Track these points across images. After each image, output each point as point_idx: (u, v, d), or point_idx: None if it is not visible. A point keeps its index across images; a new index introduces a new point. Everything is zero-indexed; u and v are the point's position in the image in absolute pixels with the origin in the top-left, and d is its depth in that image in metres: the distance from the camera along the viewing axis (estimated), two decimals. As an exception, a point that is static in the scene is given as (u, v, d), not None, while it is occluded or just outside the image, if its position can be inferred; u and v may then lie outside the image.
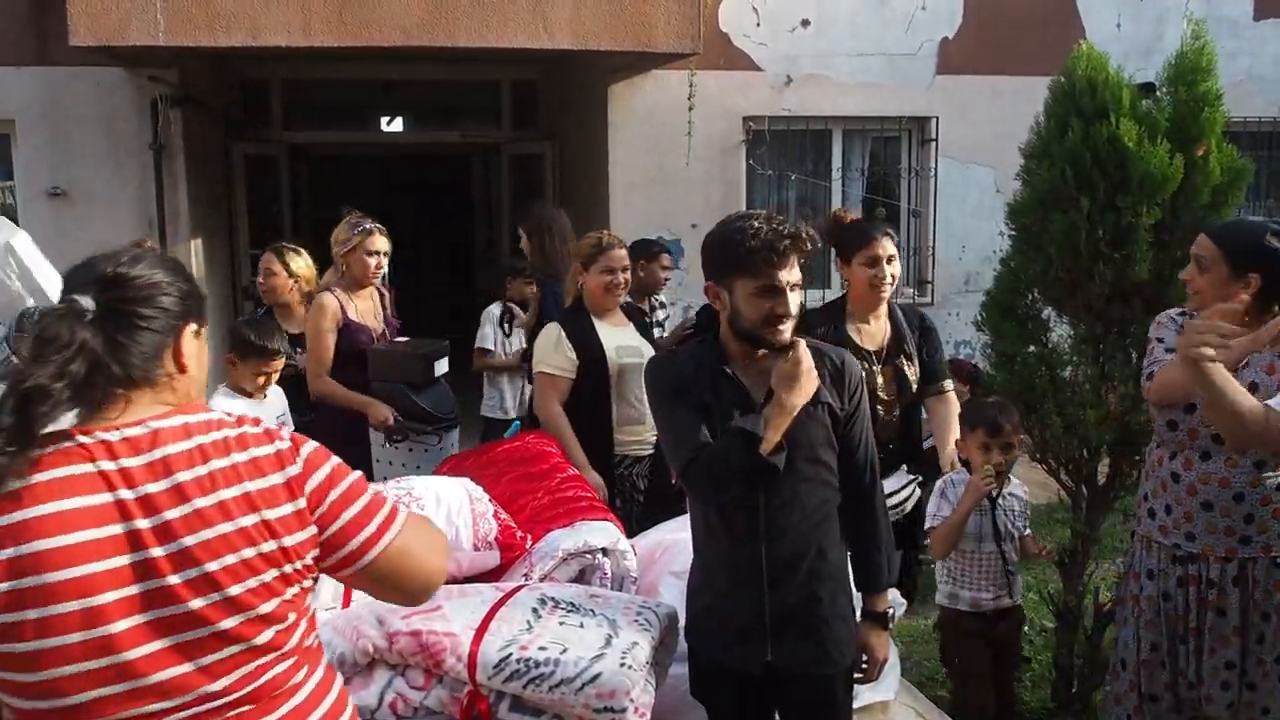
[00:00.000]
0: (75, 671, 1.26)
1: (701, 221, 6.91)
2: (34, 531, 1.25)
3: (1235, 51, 7.22)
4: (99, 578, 1.26)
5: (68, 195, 6.49)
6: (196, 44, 5.69)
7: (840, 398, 2.23)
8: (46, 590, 1.23)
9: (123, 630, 1.27)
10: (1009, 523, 3.34)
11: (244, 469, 1.37)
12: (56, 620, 1.24)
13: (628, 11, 6.01)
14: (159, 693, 1.30)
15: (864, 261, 3.48)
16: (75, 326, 1.32)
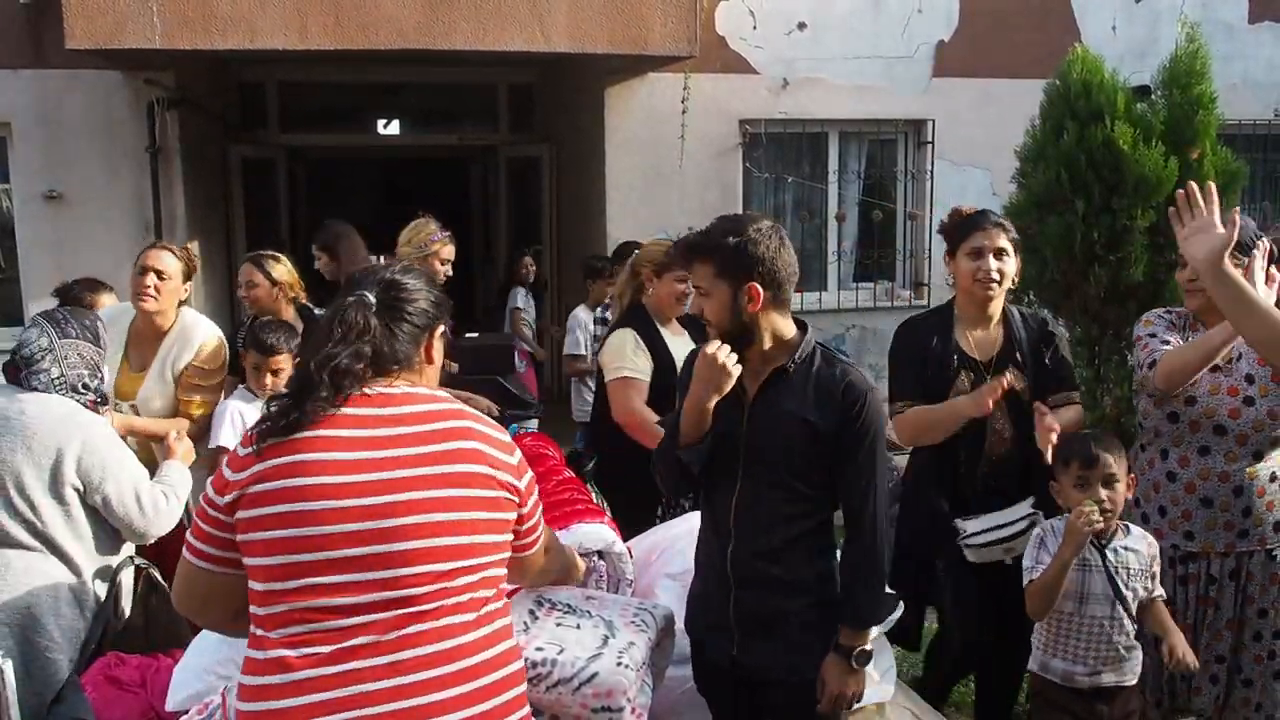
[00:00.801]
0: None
1: (698, 224, 6.84)
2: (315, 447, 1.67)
3: (1230, 55, 7.24)
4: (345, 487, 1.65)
5: (64, 198, 6.48)
6: (193, 47, 5.69)
7: (822, 415, 2.17)
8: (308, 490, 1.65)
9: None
10: (1124, 581, 2.66)
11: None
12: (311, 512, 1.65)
13: (624, 14, 6.02)
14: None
15: (967, 253, 2.96)
16: (367, 314, 1.72)
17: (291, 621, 1.61)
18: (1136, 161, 4.08)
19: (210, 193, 7.36)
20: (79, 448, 2.60)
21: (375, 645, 1.61)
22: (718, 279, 2.21)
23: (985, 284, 2.92)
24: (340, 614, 1.61)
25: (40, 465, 2.56)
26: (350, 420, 1.68)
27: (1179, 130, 4.21)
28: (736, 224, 2.24)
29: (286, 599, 1.61)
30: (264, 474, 1.64)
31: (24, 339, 2.72)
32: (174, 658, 2.59)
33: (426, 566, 1.64)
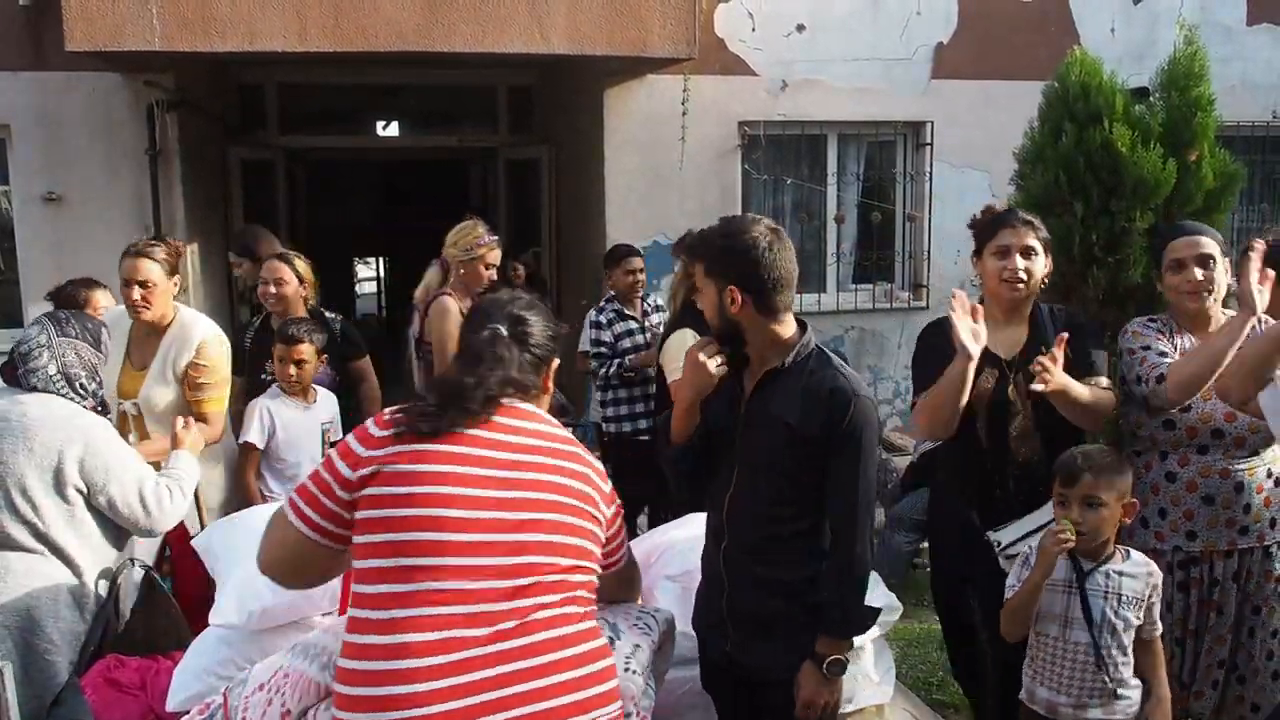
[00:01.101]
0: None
1: (697, 226, 6.89)
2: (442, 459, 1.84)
3: (1228, 57, 7.25)
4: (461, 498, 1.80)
5: (64, 200, 6.48)
6: (193, 49, 5.69)
7: (805, 419, 2.18)
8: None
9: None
10: (1110, 608, 2.51)
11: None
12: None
13: (624, 16, 6.02)
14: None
15: (994, 251, 2.87)
16: (506, 346, 1.94)
17: (413, 603, 1.71)
18: (1135, 164, 4.08)
19: (210, 194, 7.36)
20: (81, 449, 2.61)
21: (497, 633, 1.74)
22: (706, 278, 2.27)
23: (1011, 283, 2.83)
24: (466, 599, 1.73)
25: (43, 466, 2.57)
26: (484, 438, 1.86)
27: (1177, 132, 4.22)
28: (728, 226, 2.28)
29: (412, 578, 1.72)
30: (400, 456, 1.79)
31: (23, 336, 2.75)
32: (173, 660, 2.60)
33: (548, 558, 1.81)
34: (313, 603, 2.31)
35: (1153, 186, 4.08)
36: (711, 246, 2.27)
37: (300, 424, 3.75)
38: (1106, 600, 2.52)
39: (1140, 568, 2.58)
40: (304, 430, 3.75)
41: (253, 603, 2.25)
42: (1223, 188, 4.25)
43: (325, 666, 2.02)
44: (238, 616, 2.25)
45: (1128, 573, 2.55)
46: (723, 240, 2.25)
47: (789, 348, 2.25)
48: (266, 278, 4.19)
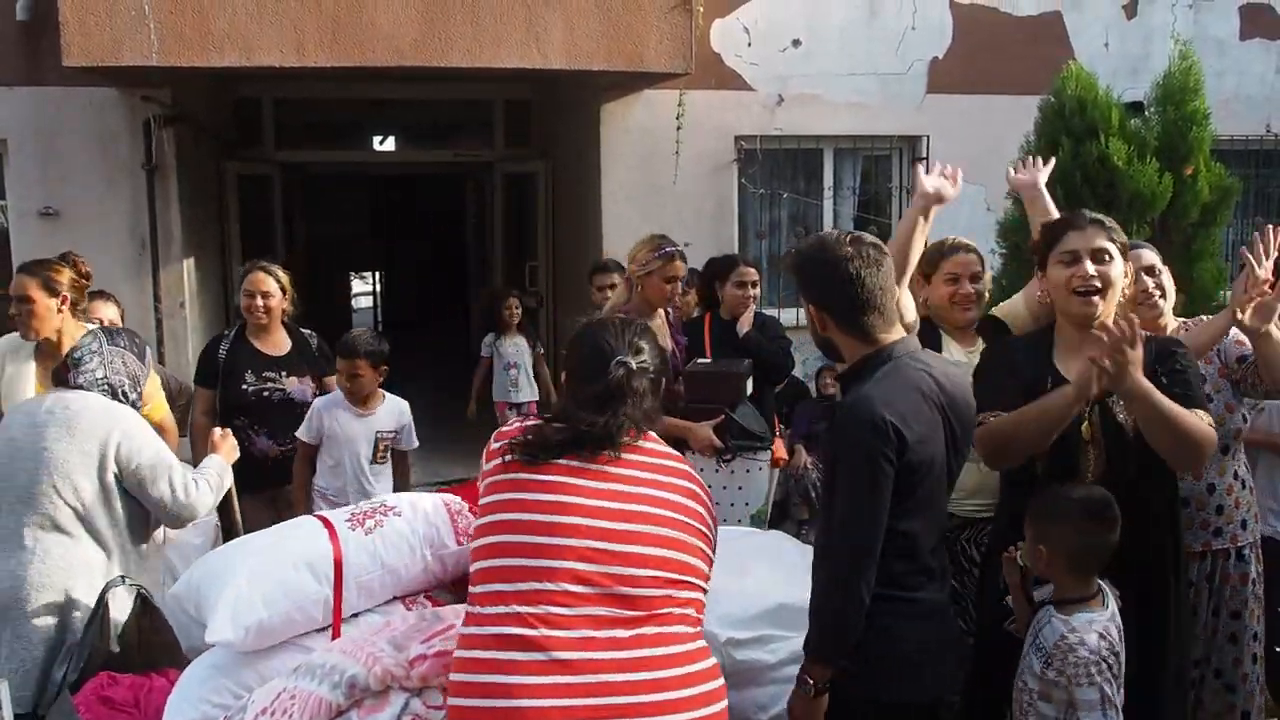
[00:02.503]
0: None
1: (694, 240, 6.92)
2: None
3: (1222, 71, 7.28)
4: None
5: (60, 215, 6.47)
6: (190, 64, 5.70)
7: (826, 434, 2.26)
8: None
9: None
10: (1040, 660, 2.28)
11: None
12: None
13: (620, 32, 6.04)
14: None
15: (1059, 259, 2.48)
16: (637, 379, 2.02)
17: (532, 601, 1.80)
18: (1131, 177, 4.10)
19: (206, 209, 7.36)
20: (119, 435, 2.78)
21: (612, 640, 1.80)
22: (803, 297, 2.32)
23: (1084, 294, 2.40)
24: (580, 601, 1.81)
25: (84, 452, 2.75)
26: (601, 471, 1.95)
27: (1173, 146, 4.24)
28: (812, 245, 2.32)
29: (533, 578, 1.82)
30: (519, 465, 1.91)
31: (78, 343, 2.98)
32: (167, 677, 2.58)
33: (657, 572, 1.87)
34: (307, 615, 2.29)
35: (1149, 200, 4.10)
36: (797, 265, 2.30)
37: (351, 427, 3.92)
38: (1031, 649, 2.32)
39: (1060, 629, 2.26)
40: (354, 433, 3.92)
41: (248, 617, 2.23)
42: (1218, 201, 4.28)
43: (337, 685, 2.00)
44: (233, 632, 2.23)
45: (1054, 623, 2.28)
46: (804, 260, 2.26)
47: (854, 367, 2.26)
48: (252, 290, 4.15)
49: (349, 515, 2.44)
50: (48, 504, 2.71)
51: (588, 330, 2.15)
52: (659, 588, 1.86)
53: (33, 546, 2.70)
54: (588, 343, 2.10)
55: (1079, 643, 2.23)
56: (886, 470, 2.06)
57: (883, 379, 2.13)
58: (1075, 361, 2.40)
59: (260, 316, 4.15)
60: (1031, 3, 7.33)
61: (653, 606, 1.85)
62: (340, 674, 2.01)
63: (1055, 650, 2.25)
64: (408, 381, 4.44)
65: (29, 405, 2.89)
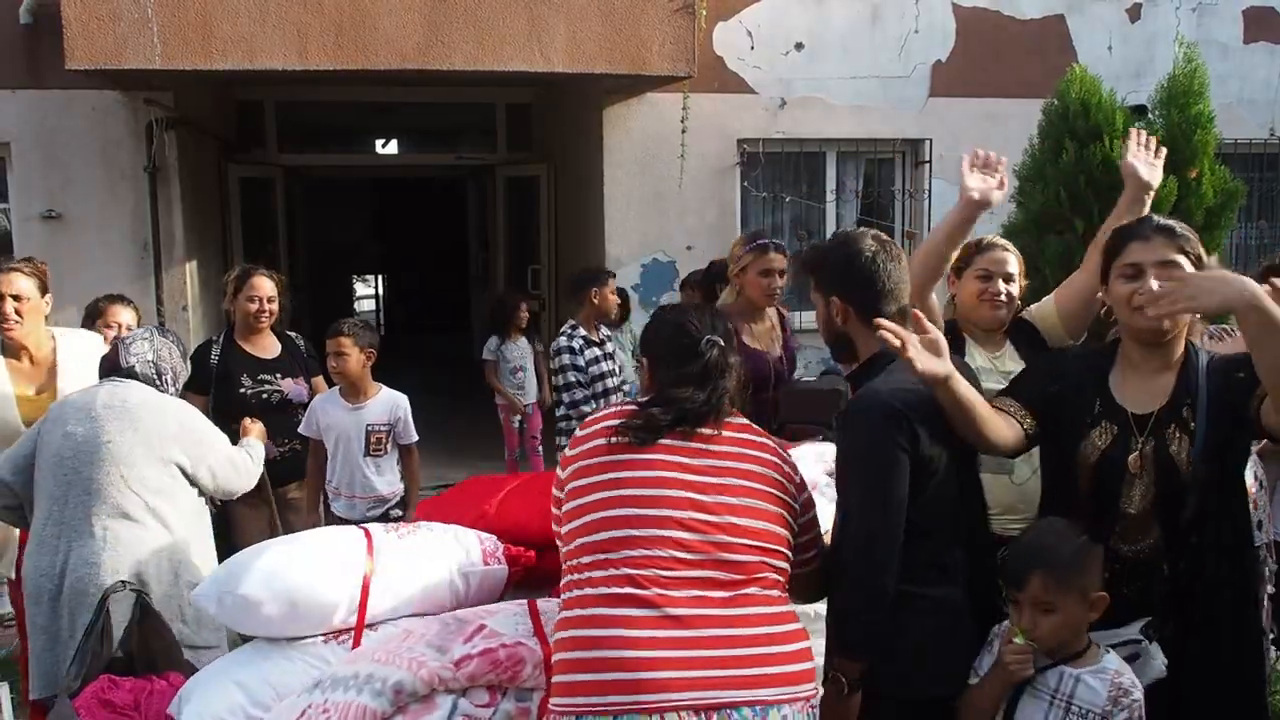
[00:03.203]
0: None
1: (696, 243, 6.93)
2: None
3: (1226, 74, 7.27)
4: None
5: (63, 218, 6.48)
6: (193, 67, 5.70)
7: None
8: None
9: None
10: (1054, 717, 2.07)
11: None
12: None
13: (623, 35, 6.04)
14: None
15: (1121, 273, 2.22)
16: (727, 358, 2.11)
17: (641, 565, 1.89)
18: (1135, 181, 4.08)
19: (208, 212, 7.36)
20: (177, 425, 2.99)
21: (719, 599, 1.90)
22: (815, 292, 2.34)
23: (1155, 315, 2.07)
24: (686, 566, 1.91)
25: (148, 443, 2.93)
26: (698, 449, 2.04)
27: (1177, 149, 4.23)
28: (834, 239, 2.44)
29: (641, 545, 1.92)
30: (624, 447, 2.01)
31: (132, 331, 3.38)
32: (168, 680, 2.57)
33: (753, 541, 1.97)
34: (333, 605, 2.25)
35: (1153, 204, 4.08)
36: (818, 259, 2.38)
37: (343, 420, 3.99)
38: (1052, 706, 2.07)
39: (1106, 676, 2.06)
40: (345, 426, 3.99)
41: (278, 582, 2.21)
42: (1222, 205, 4.27)
43: (380, 693, 1.98)
44: (264, 591, 2.20)
45: (1087, 680, 2.06)
46: (827, 253, 2.35)
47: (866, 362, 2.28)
48: (256, 294, 4.18)
49: (385, 527, 2.48)
50: (115, 494, 2.86)
51: (667, 315, 2.25)
52: (756, 555, 1.97)
53: (102, 535, 2.84)
54: (672, 326, 2.19)
55: (1131, 684, 2.06)
56: (901, 458, 2.05)
57: (893, 373, 2.14)
58: (1136, 383, 2.22)
59: (264, 320, 4.20)
60: (1035, 6, 7.32)
61: (750, 571, 1.95)
62: (382, 681, 1.99)
63: (1113, 701, 2.04)
64: (410, 384, 4.43)
65: (82, 399, 2.98)
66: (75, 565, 2.82)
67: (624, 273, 6.87)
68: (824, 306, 2.30)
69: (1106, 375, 2.28)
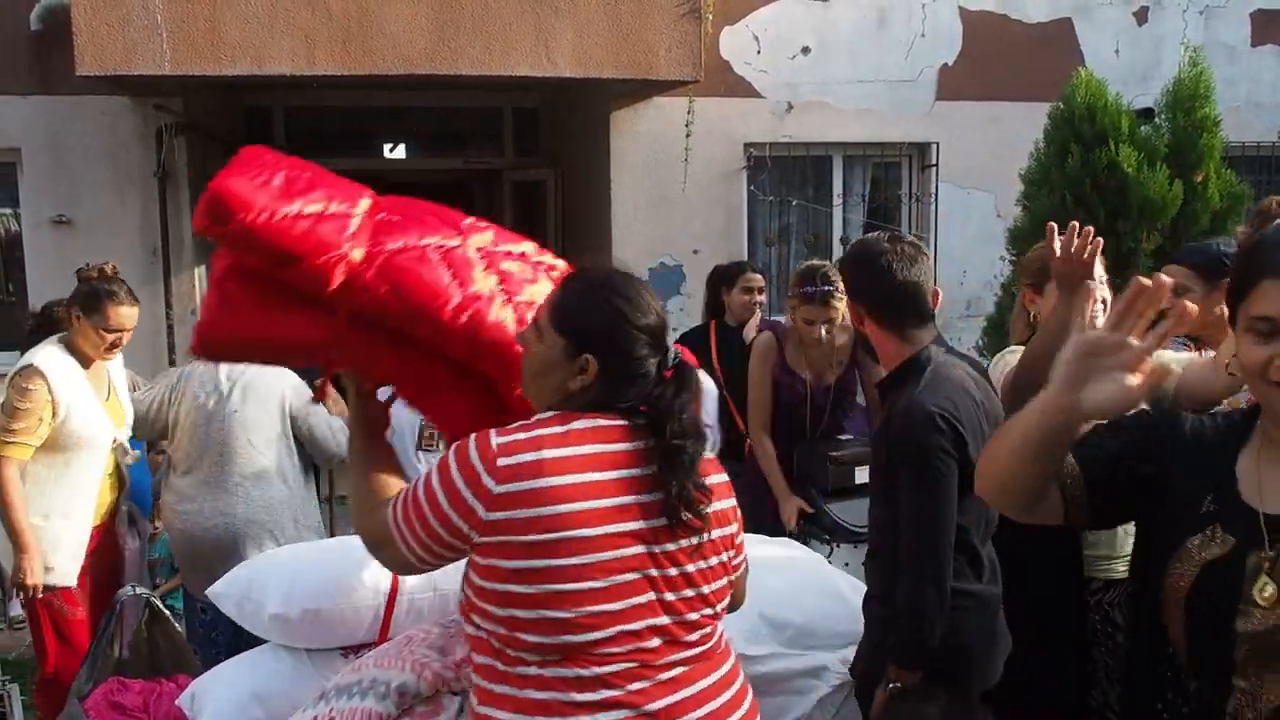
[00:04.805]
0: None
1: (703, 248, 6.93)
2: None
3: (1233, 77, 7.25)
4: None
5: (72, 223, 6.51)
6: (202, 73, 5.73)
7: (878, 438, 2.35)
8: None
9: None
10: None
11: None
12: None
13: (630, 40, 6.05)
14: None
15: (1251, 326, 1.43)
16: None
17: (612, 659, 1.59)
18: (1141, 184, 4.09)
19: (217, 217, 7.38)
20: (290, 392, 3.48)
21: (686, 675, 1.64)
22: (845, 296, 2.50)
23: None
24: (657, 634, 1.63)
25: (269, 411, 3.44)
26: None
27: (1184, 153, 4.23)
28: (856, 244, 2.49)
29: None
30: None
31: None
32: (176, 683, 2.58)
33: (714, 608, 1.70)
34: (357, 620, 2.26)
35: (1159, 207, 4.09)
36: (840, 264, 2.51)
37: (396, 418, 4.09)
38: None
39: None
40: (399, 423, 4.10)
41: (302, 595, 2.21)
42: (1229, 208, 4.26)
43: (384, 696, 1.99)
44: (287, 603, 2.20)
45: None
46: (847, 259, 2.44)
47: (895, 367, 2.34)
48: None
49: None
50: (243, 457, 3.42)
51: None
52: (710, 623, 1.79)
53: (234, 490, 3.42)
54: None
55: None
56: (950, 465, 2.12)
57: (930, 381, 2.21)
58: (1274, 472, 1.47)
59: None
60: (1041, 9, 7.31)
61: (702, 628, 1.74)
62: (386, 685, 2.00)
63: None
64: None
65: (206, 375, 3.52)
66: (210, 515, 3.40)
67: (631, 277, 6.88)
68: (850, 309, 2.42)
69: (1238, 450, 1.52)
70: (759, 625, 2.51)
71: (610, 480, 1.59)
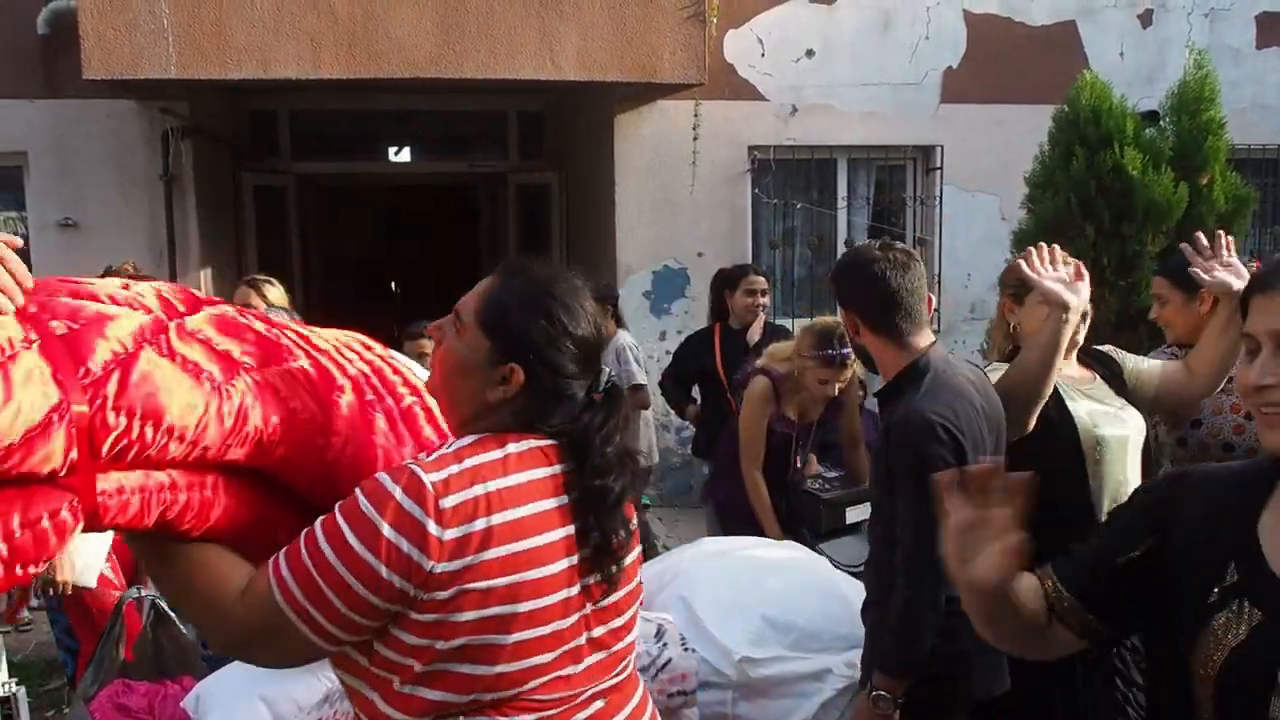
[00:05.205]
0: None
1: (707, 250, 6.94)
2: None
3: (1238, 80, 7.24)
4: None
5: (79, 227, 6.54)
6: (208, 77, 5.75)
7: (878, 444, 2.37)
8: None
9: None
10: None
11: None
12: None
13: (634, 43, 6.06)
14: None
15: (1245, 344, 1.33)
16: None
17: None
18: (1146, 187, 4.09)
19: (223, 220, 7.41)
20: None
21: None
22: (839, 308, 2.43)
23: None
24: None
25: None
26: None
27: (1189, 156, 4.22)
28: (848, 252, 2.50)
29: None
30: None
31: (271, 312, 3.83)
32: (181, 685, 2.59)
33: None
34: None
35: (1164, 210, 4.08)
36: (832, 274, 2.42)
37: None
38: None
39: None
40: None
41: None
42: (1234, 211, 4.25)
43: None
44: None
45: None
46: (838, 268, 2.40)
47: (894, 374, 2.32)
48: (237, 302, 4.43)
49: None
50: None
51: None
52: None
53: None
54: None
55: None
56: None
57: (930, 388, 2.19)
58: None
59: None
60: (1045, 12, 7.31)
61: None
62: None
63: None
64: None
65: None
66: None
67: (635, 280, 6.89)
68: (844, 319, 2.39)
69: (1254, 519, 1.29)
70: (763, 628, 2.51)
71: (554, 509, 1.42)
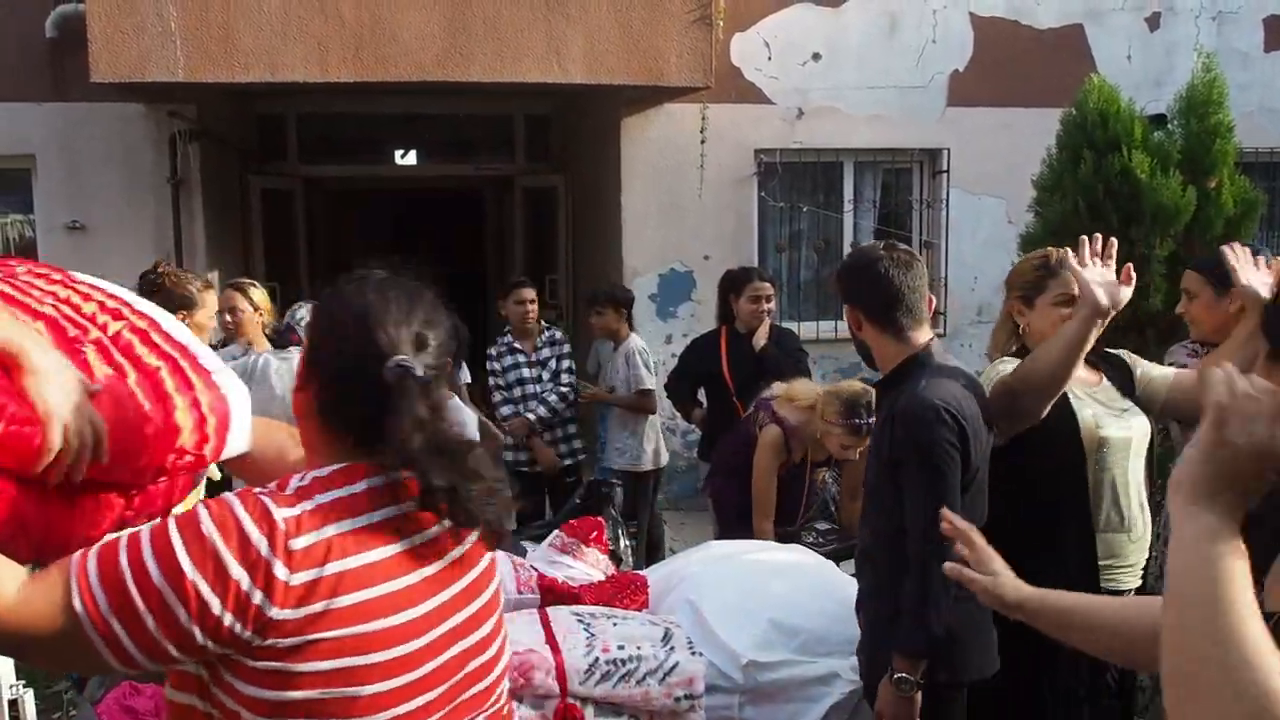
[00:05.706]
0: None
1: (713, 253, 6.94)
2: None
3: (1246, 83, 7.22)
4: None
5: (86, 229, 6.56)
6: (216, 80, 5.77)
7: (881, 438, 2.36)
8: None
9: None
10: None
11: None
12: None
13: (641, 46, 6.07)
14: None
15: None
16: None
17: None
18: (1154, 190, 4.08)
19: (230, 223, 7.43)
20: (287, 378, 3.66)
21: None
22: (843, 304, 2.47)
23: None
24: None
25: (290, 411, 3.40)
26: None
27: (1196, 159, 4.21)
28: (852, 252, 2.56)
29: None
30: None
31: (297, 307, 4.08)
32: (189, 688, 2.59)
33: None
34: None
35: (1172, 214, 4.07)
36: (837, 273, 2.49)
37: None
38: None
39: None
40: None
41: None
42: (1243, 214, 4.24)
43: None
44: None
45: None
46: (843, 268, 2.48)
47: (894, 369, 2.37)
48: (221, 307, 4.51)
49: None
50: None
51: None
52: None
53: None
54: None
55: None
56: (955, 457, 2.16)
57: (931, 380, 2.24)
58: None
59: (233, 331, 4.53)
60: (1053, 15, 7.30)
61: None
62: None
63: None
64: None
65: (277, 359, 3.73)
66: None
67: (642, 283, 6.89)
68: (847, 316, 2.44)
69: None
70: (770, 632, 2.51)
71: (416, 546, 1.30)
